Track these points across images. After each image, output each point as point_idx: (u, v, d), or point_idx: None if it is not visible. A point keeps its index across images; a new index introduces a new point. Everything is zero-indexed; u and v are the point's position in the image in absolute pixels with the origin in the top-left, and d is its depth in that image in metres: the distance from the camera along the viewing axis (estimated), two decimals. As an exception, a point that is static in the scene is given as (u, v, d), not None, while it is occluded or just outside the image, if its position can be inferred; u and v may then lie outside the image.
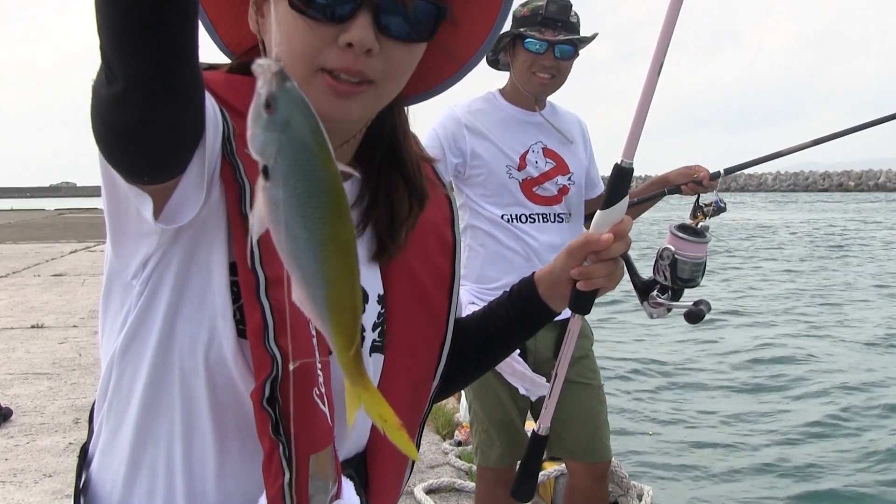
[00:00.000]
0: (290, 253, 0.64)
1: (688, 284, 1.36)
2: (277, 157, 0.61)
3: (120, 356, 0.97)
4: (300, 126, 0.61)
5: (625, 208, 1.12)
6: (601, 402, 2.75)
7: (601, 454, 2.72)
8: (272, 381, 0.88)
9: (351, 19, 0.89)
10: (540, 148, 2.67)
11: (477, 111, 2.67)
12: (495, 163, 2.61)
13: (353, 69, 0.91)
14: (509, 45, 2.65)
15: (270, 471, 0.90)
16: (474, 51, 1.07)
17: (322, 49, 0.90)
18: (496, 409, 2.69)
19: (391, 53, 0.93)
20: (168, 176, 0.84)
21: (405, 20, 0.93)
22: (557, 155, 2.70)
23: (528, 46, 2.56)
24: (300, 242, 0.63)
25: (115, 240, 0.94)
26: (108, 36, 0.72)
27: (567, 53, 2.59)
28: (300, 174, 0.61)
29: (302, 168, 0.61)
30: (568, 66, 2.64)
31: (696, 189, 2.62)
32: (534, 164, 2.64)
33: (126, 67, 0.73)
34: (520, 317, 1.19)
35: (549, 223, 2.67)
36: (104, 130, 0.78)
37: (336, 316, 0.66)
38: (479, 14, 1.04)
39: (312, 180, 0.61)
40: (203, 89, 0.81)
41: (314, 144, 0.61)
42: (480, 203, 2.65)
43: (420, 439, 1.17)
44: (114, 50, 0.72)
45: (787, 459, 5.41)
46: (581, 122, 2.85)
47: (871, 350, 8.73)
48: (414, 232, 1.09)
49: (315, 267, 0.64)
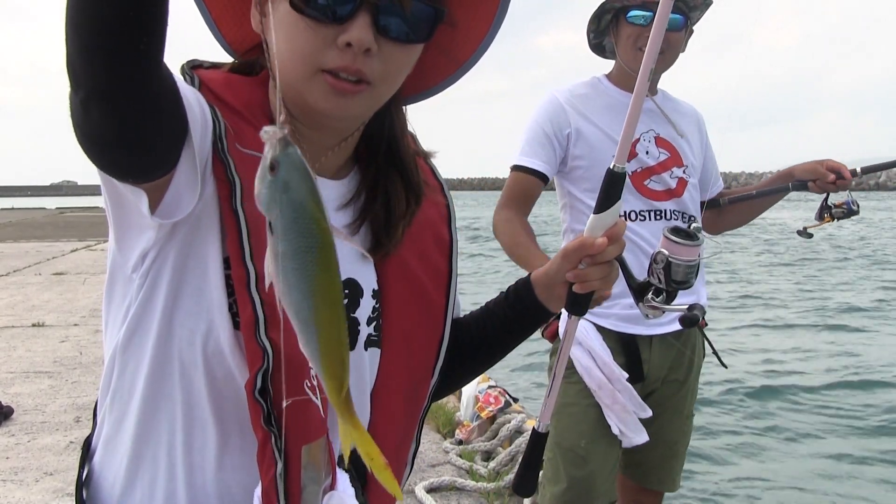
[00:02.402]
0: (289, 300, 0.72)
1: (682, 286, 1.37)
2: (279, 215, 0.69)
3: (122, 349, 0.99)
4: (299, 188, 0.69)
5: (619, 212, 1.13)
6: (685, 432, 2.52)
7: (666, 485, 2.53)
8: (264, 373, 0.91)
9: (350, 20, 0.92)
10: (652, 136, 2.38)
11: (581, 95, 2.38)
12: (601, 149, 2.31)
13: (352, 68, 0.93)
14: (612, 23, 2.38)
15: (264, 461, 0.93)
16: (472, 51, 1.10)
17: (322, 49, 0.93)
18: (571, 434, 2.32)
19: (389, 54, 0.96)
20: (153, 175, 0.87)
21: (403, 21, 0.95)
22: (671, 145, 2.41)
23: (630, 20, 2.28)
24: (296, 292, 0.71)
25: (118, 234, 0.97)
26: (75, 47, 0.75)
27: (677, 24, 2.28)
28: (297, 231, 0.69)
29: (299, 225, 0.69)
30: (678, 38, 2.32)
31: (825, 187, 2.34)
32: (644, 154, 2.35)
33: (90, 78, 0.76)
34: (517, 317, 1.21)
35: (662, 221, 2.33)
36: (78, 134, 0.81)
37: (326, 360, 0.74)
38: (476, 15, 1.06)
39: (308, 237, 0.70)
40: (173, 95, 0.84)
41: (310, 204, 0.69)
42: (584, 200, 2.34)
43: (420, 435, 1.19)
44: (79, 60, 0.75)
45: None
46: (698, 114, 2.56)
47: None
48: (410, 229, 1.11)
49: (308, 314, 0.72)
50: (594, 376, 2.27)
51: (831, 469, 5.30)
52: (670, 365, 2.42)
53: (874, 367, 8.06)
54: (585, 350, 2.30)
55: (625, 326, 2.33)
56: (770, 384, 7.33)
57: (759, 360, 8.25)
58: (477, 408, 4.42)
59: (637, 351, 2.35)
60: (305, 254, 0.70)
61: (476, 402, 4.46)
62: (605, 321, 2.31)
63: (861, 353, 8.65)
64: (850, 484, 5.04)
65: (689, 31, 2.40)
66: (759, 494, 4.90)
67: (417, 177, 1.13)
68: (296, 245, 0.70)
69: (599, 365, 2.27)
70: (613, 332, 2.32)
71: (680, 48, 2.37)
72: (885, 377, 7.56)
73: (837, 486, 4.99)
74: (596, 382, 2.27)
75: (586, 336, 2.30)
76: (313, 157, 1.05)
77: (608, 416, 2.29)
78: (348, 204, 1.09)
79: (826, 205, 2.38)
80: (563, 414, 2.34)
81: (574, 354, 2.31)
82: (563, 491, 2.30)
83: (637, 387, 2.32)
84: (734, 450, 5.66)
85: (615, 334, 2.32)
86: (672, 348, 2.40)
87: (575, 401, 2.33)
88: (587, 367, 2.28)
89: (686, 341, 2.45)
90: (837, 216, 2.37)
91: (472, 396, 4.52)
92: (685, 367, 2.46)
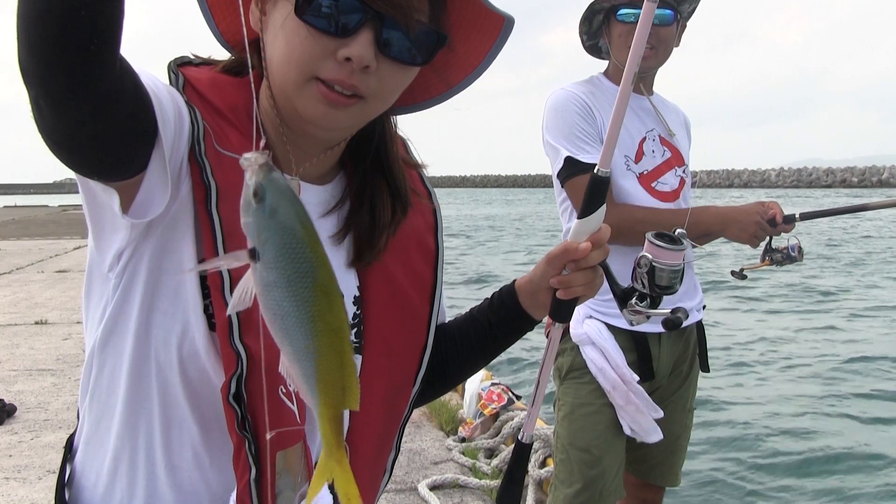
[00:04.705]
0: (281, 329, 0.70)
1: (666, 291, 1.35)
2: (267, 243, 0.67)
3: (99, 349, 0.99)
4: (287, 213, 0.67)
5: (602, 217, 1.12)
6: (687, 426, 2.53)
7: (668, 480, 2.53)
8: (238, 378, 0.90)
9: (353, 34, 0.91)
10: (656, 135, 2.38)
11: (590, 93, 2.33)
12: (616, 150, 2.20)
13: (348, 83, 0.92)
14: (603, 23, 2.38)
15: (239, 466, 0.92)
16: (465, 76, 1.09)
17: (321, 59, 0.92)
18: (585, 434, 2.31)
19: (386, 72, 0.95)
20: (119, 175, 0.86)
21: (406, 42, 0.94)
22: (672, 144, 2.41)
23: (621, 18, 2.28)
24: (291, 320, 0.69)
25: (95, 232, 0.96)
26: (23, 45, 0.73)
27: (666, 19, 2.27)
28: (289, 257, 0.67)
29: (290, 252, 0.67)
30: (669, 33, 2.31)
31: (767, 230, 2.31)
32: (651, 154, 2.34)
33: (38, 77, 0.74)
34: (500, 323, 1.20)
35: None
36: (39, 131, 0.80)
37: (323, 387, 0.72)
38: (476, 43, 1.05)
39: (301, 262, 0.67)
40: (132, 95, 0.82)
41: (300, 229, 0.67)
42: None
43: (400, 442, 1.17)
44: (29, 59, 0.74)
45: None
46: (686, 118, 2.57)
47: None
48: (395, 238, 1.11)
49: (305, 343, 0.69)
50: (608, 377, 2.27)
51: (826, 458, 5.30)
52: (676, 359, 2.43)
53: (865, 351, 8.11)
54: (599, 350, 2.30)
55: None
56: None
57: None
58: (480, 405, 4.42)
59: (648, 349, 2.35)
60: (301, 279, 0.68)
61: (479, 400, 4.46)
62: (617, 320, 2.31)
63: (845, 329, 8.65)
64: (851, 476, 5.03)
65: (682, 25, 2.39)
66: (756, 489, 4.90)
67: (405, 185, 1.12)
68: (289, 272, 0.67)
69: (613, 366, 2.27)
70: (625, 331, 2.32)
71: (672, 43, 2.35)
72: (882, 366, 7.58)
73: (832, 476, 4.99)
74: (610, 383, 2.27)
75: (600, 336, 2.30)
76: (298, 161, 1.04)
77: (621, 417, 2.29)
78: (333, 210, 1.08)
79: (769, 248, 2.35)
80: (576, 415, 2.33)
81: (588, 355, 2.31)
82: (577, 492, 2.29)
83: (646, 385, 2.31)
84: (728, 444, 5.66)
85: (627, 333, 2.32)
86: (678, 343, 2.41)
87: (588, 401, 2.32)
88: (601, 367, 2.28)
89: (690, 335, 2.47)
90: (777, 261, 2.35)
91: (475, 394, 4.52)
92: (689, 360, 2.48)
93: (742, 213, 2.29)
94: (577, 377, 2.35)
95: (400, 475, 3.67)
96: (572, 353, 2.36)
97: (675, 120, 2.48)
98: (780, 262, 2.35)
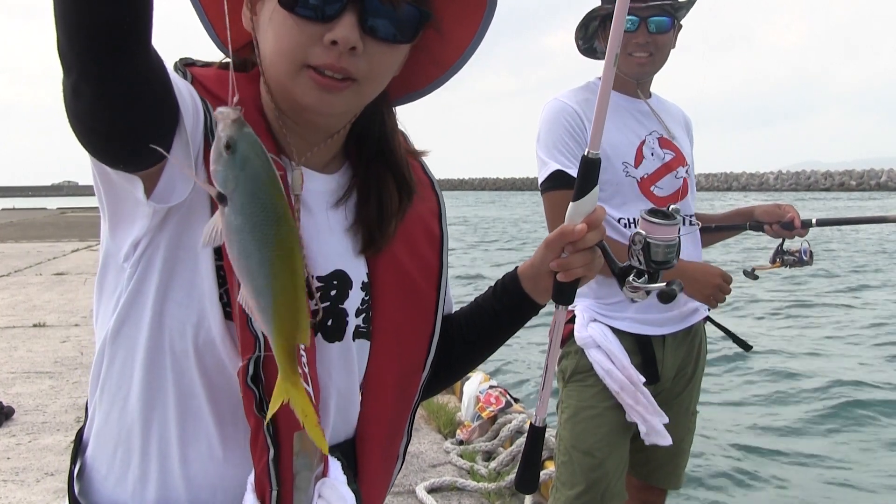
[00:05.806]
0: (244, 268, 0.77)
1: (662, 266, 1.37)
2: (236, 190, 0.73)
3: (111, 339, 1.00)
4: (256, 164, 0.74)
5: (595, 199, 1.15)
6: (690, 429, 2.52)
7: (671, 483, 2.53)
8: (256, 360, 0.93)
9: (337, 18, 0.94)
10: (655, 138, 2.37)
11: (584, 101, 2.30)
12: (613, 157, 2.26)
13: (337, 66, 0.96)
14: (599, 28, 2.38)
15: (257, 448, 0.94)
16: (458, 56, 1.13)
17: (308, 46, 0.95)
18: (588, 437, 2.30)
19: (374, 53, 0.98)
20: (145, 162, 0.89)
21: (389, 22, 0.98)
22: (673, 145, 2.39)
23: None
24: (253, 260, 0.76)
25: (112, 221, 0.98)
26: (62, 29, 0.77)
27: (663, 26, 2.28)
28: (256, 205, 0.74)
29: (258, 200, 0.74)
30: (666, 40, 2.31)
31: (780, 232, 2.35)
32: (650, 157, 2.33)
33: (77, 58, 0.78)
34: (505, 310, 1.22)
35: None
36: (69, 118, 0.83)
37: (278, 321, 0.79)
38: (462, 21, 1.08)
39: (266, 210, 0.74)
40: (162, 81, 0.86)
41: (267, 180, 0.74)
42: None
43: (411, 429, 1.20)
44: (66, 42, 0.77)
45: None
46: (686, 117, 2.56)
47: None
48: (402, 225, 1.14)
49: (265, 281, 0.77)
50: (616, 378, 2.27)
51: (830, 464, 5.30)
52: (680, 362, 2.43)
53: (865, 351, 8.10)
54: (604, 353, 2.30)
55: (640, 328, 2.34)
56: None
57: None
58: (478, 408, 4.42)
59: (652, 351, 2.36)
60: (265, 226, 0.74)
61: (477, 403, 4.46)
62: (622, 323, 2.32)
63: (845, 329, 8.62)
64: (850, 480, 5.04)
65: (678, 26, 2.39)
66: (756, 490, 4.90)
67: (409, 173, 1.15)
68: (255, 219, 0.74)
69: (619, 368, 2.27)
70: (629, 334, 2.33)
71: (669, 49, 2.36)
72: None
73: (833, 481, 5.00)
74: (618, 384, 2.27)
75: (605, 339, 2.30)
76: (301, 151, 1.07)
77: (632, 416, 2.27)
78: (341, 202, 1.11)
79: (780, 250, 2.40)
80: (579, 417, 2.33)
81: (594, 357, 2.31)
82: (579, 494, 2.28)
83: (651, 388, 2.31)
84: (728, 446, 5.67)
85: (631, 336, 2.33)
86: (682, 345, 2.42)
87: (592, 403, 2.31)
88: (608, 369, 2.28)
89: (694, 337, 2.47)
90: (789, 263, 2.39)
91: (473, 396, 4.52)
92: (693, 362, 2.48)
93: (703, 274, 2.27)
94: (580, 380, 2.35)
95: (397, 478, 3.67)
96: (576, 356, 2.36)
97: (674, 120, 2.48)
98: (792, 265, 2.39)
